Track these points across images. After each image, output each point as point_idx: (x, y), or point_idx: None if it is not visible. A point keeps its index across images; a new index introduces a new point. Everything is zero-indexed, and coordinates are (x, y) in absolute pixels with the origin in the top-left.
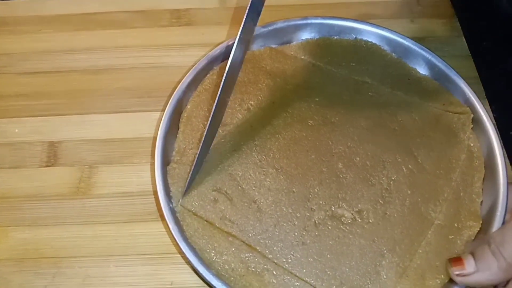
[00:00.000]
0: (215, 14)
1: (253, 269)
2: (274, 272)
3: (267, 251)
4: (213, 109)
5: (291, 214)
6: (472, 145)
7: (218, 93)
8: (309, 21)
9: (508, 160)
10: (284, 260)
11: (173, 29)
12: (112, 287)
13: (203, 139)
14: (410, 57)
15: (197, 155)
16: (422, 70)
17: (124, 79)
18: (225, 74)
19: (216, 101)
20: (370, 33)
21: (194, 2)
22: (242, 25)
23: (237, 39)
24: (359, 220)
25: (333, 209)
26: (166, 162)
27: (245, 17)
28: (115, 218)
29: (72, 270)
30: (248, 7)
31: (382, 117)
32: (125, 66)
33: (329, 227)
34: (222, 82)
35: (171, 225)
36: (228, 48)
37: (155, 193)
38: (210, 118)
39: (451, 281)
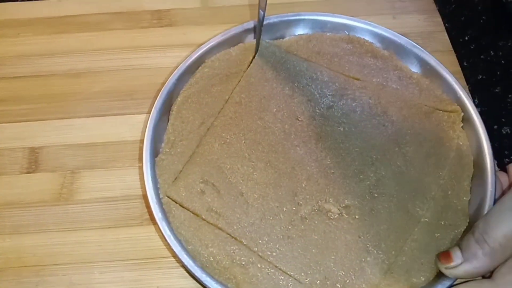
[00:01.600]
0: (197, 14)
1: (238, 261)
2: (259, 265)
3: (252, 244)
4: None
5: (278, 208)
6: (461, 143)
7: None
8: (302, 17)
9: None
10: (269, 253)
11: (154, 30)
12: None
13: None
14: (402, 54)
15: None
16: (414, 67)
17: (105, 82)
18: None
19: None
20: (363, 30)
21: (175, 2)
22: None
23: None
24: (346, 216)
25: (320, 204)
26: (155, 153)
27: None
28: (99, 223)
29: (55, 278)
30: None
31: (371, 113)
32: (105, 69)
33: (315, 222)
34: None
35: (158, 216)
36: (219, 44)
37: (141, 196)
38: None
39: (436, 278)
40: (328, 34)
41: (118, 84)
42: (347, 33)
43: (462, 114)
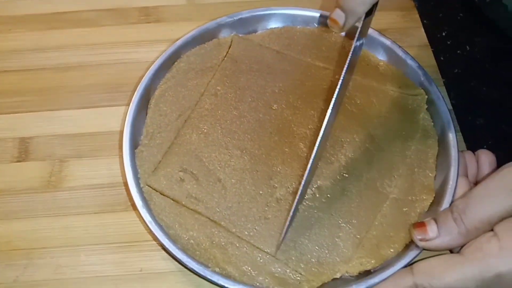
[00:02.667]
0: (184, 11)
1: (217, 242)
2: (237, 245)
3: (230, 226)
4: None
5: (254, 191)
6: (426, 124)
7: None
8: (273, 11)
9: (461, 136)
10: (247, 233)
11: (142, 26)
12: (82, 276)
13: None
14: (369, 44)
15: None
16: (380, 56)
17: (93, 76)
18: (350, 55)
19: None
20: None
21: None
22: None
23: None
24: (318, 196)
25: (294, 186)
26: (134, 146)
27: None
28: (86, 209)
29: (43, 261)
30: None
31: (341, 101)
32: (95, 63)
33: (290, 203)
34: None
35: (139, 204)
36: (194, 40)
37: (125, 184)
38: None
39: (404, 250)
40: (298, 27)
41: (106, 78)
42: (316, 25)
43: (426, 97)
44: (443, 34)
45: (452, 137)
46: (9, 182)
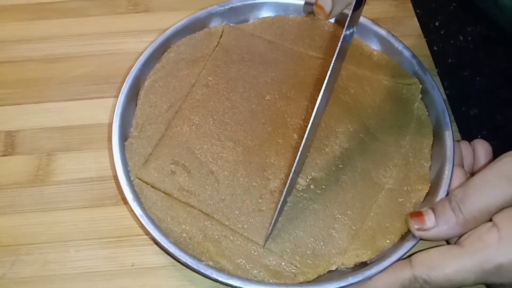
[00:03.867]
0: (173, 1)
1: (210, 236)
2: (231, 238)
3: (224, 219)
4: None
5: (247, 183)
6: (421, 114)
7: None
8: (265, 0)
9: (456, 126)
10: (240, 226)
11: (130, 16)
12: (72, 271)
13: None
14: (363, 33)
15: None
16: (374, 45)
17: (81, 67)
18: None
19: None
20: None
21: None
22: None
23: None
24: (313, 187)
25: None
26: (124, 138)
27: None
28: (75, 203)
29: (31, 257)
30: None
31: (335, 91)
32: (82, 54)
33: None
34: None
35: (129, 197)
36: (184, 29)
37: (115, 177)
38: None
39: (400, 241)
40: (291, 16)
41: (94, 69)
42: (309, 14)
43: (421, 86)
44: (436, 24)
45: (447, 127)
46: None
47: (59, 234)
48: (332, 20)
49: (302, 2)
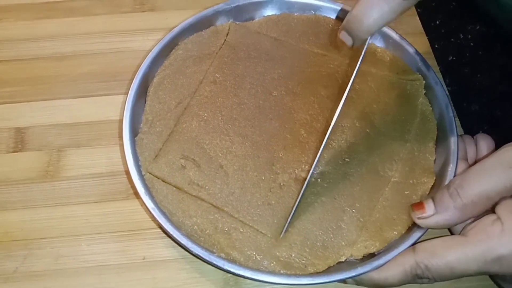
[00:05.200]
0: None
1: (221, 228)
2: (241, 230)
3: (234, 211)
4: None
5: (256, 177)
6: (425, 109)
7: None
8: None
9: (458, 121)
10: (250, 218)
11: (137, 15)
12: (84, 265)
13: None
14: None
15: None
16: (378, 42)
17: (89, 64)
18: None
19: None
20: (329, 9)
21: None
22: None
23: None
24: (320, 181)
25: (296, 171)
26: (134, 134)
27: None
28: (86, 198)
29: (43, 251)
30: None
31: (340, 87)
32: (89, 52)
33: (293, 188)
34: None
35: (141, 191)
36: (191, 27)
37: (126, 172)
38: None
39: (407, 232)
40: (295, 14)
41: (102, 66)
42: (313, 12)
43: (424, 82)
44: (437, 22)
45: (450, 121)
46: (5, 173)
47: (71, 228)
48: (334, 17)
49: (306, 0)
